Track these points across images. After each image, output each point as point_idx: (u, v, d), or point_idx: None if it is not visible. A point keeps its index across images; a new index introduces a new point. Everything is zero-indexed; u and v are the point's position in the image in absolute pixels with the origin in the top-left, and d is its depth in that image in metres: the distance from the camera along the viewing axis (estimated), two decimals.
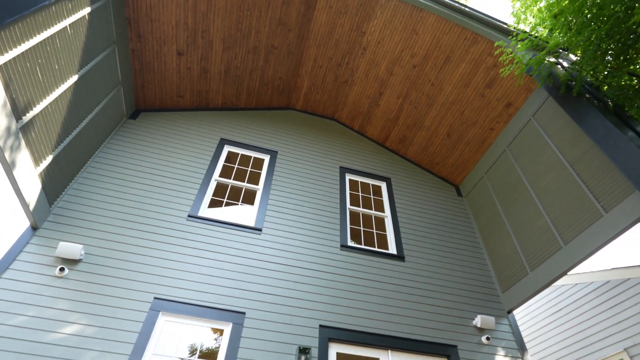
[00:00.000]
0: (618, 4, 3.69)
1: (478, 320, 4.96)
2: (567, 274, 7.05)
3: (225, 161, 6.09)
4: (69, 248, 4.05)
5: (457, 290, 5.38)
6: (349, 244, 5.47)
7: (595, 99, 4.18)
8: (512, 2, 4.69)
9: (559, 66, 4.75)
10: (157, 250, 4.51)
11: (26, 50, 3.41)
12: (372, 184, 6.68)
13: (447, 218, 6.46)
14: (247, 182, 5.83)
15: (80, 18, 4.15)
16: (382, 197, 6.50)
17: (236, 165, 6.12)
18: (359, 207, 6.25)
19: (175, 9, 5.40)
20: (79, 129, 4.64)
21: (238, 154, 6.27)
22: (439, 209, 6.59)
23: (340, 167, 6.65)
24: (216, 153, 6.01)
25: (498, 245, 5.81)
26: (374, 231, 6.09)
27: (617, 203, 3.95)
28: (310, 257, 5.07)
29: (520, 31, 4.75)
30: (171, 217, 4.92)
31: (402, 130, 7.18)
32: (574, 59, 4.90)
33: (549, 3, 4.43)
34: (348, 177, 6.58)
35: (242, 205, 5.83)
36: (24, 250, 4.01)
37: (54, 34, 3.75)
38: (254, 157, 6.30)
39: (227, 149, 6.21)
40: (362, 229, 6.06)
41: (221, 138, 6.31)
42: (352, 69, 6.91)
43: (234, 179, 5.84)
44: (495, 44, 4.92)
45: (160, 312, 4.01)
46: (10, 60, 3.24)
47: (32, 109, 3.71)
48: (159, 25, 5.47)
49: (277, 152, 6.43)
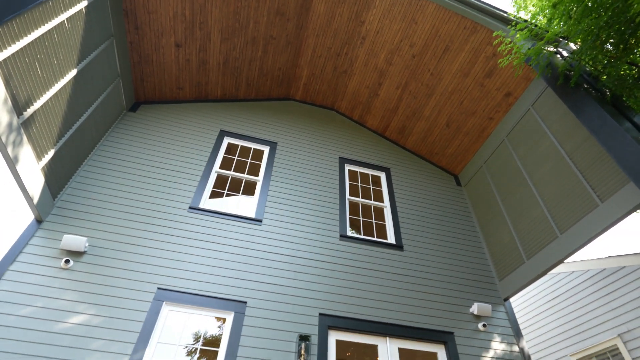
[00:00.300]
0: None
1: (475, 308, 5.07)
2: (564, 262, 7.14)
3: (225, 153, 6.13)
4: (74, 240, 4.14)
5: (455, 278, 5.47)
6: (349, 234, 5.55)
7: (594, 90, 4.18)
8: None
9: (558, 56, 4.72)
10: (160, 242, 4.60)
11: (25, 46, 3.43)
12: (371, 174, 6.72)
13: (445, 207, 6.53)
14: (247, 174, 5.89)
15: (77, 12, 4.14)
16: (381, 188, 6.55)
17: (236, 157, 6.16)
18: (358, 197, 6.30)
19: (172, 0, 5.37)
20: (79, 122, 4.68)
21: (238, 145, 6.31)
22: (438, 198, 6.65)
23: (340, 157, 6.69)
24: (216, 145, 6.05)
25: (496, 234, 5.89)
26: (373, 221, 6.16)
27: (612, 193, 3.99)
28: (310, 247, 5.16)
29: (520, 20, 4.72)
30: (173, 209, 5.00)
31: (402, 121, 7.18)
32: (574, 47, 4.86)
33: None
34: (347, 167, 6.62)
35: (242, 196, 5.90)
36: (30, 243, 4.10)
37: (52, 28, 3.75)
38: (254, 149, 6.34)
39: (227, 140, 6.25)
40: (361, 219, 6.14)
41: (221, 130, 6.34)
42: (351, 58, 6.88)
43: (234, 171, 5.90)
44: (494, 34, 4.89)
45: (164, 302, 4.12)
46: (9, 57, 3.26)
47: (33, 104, 3.74)
48: (156, 17, 5.45)
49: (276, 143, 6.47)
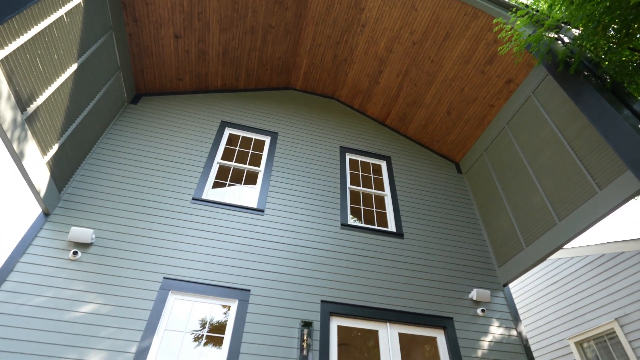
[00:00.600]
0: None
1: (474, 294, 5.17)
2: (563, 248, 7.21)
3: (226, 144, 6.18)
4: (81, 232, 4.25)
5: (455, 265, 5.56)
6: (349, 222, 5.63)
7: (594, 77, 4.15)
8: None
9: (559, 42, 4.68)
10: (164, 233, 4.70)
11: (25, 42, 3.46)
12: (372, 163, 6.76)
13: (446, 195, 6.57)
14: (249, 164, 5.95)
15: (76, 6, 4.15)
16: (382, 176, 6.60)
17: (237, 148, 6.21)
18: (359, 186, 6.36)
19: None
20: (82, 116, 4.73)
21: (239, 136, 6.35)
22: (439, 186, 6.69)
23: (341, 146, 6.72)
24: (217, 136, 6.09)
25: (496, 221, 5.94)
26: (374, 209, 6.23)
27: (611, 181, 4.02)
28: (312, 236, 5.25)
29: (521, 6, 4.66)
30: (176, 200, 5.09)
31: (402, 108, 7.17)
32: (575, 33, 4.81)
33: None
34: (348, 156, 6.66)
35: (244, 187, 5.97)
36: (38, 235, 4.22)
37: (51, 24, 3.77)
38: (255, 139, 6.38)
39: (228, 131, 6.29)
40: (362, 207, 6.20)
41: (222, 121, 6.38)
42: (351, 47, 6.83)
43: (235, 162, 5.96)
44: (494, 21, 4.84)
45: (170, 291, 4.25)
46: (10, 54, 3.30)
47: (36, 100, 3.80)
48: (154, 9, 5.43)
49: (277, 133, 6.50)
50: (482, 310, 5.08)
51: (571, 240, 4.47)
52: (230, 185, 5.98)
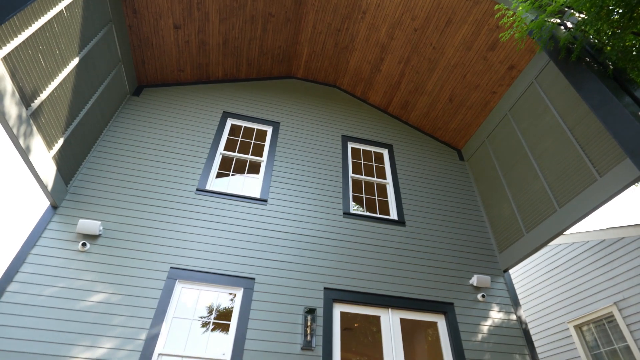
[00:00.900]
0: None
1: (474, 280, 5.25)
2: (564, 234, 7.26)
3: (229, 134, 6.22)
4: (89, 224, 4.35)
5: (456, 251, 5.64)
6: (352, 211, 5.70)
7: (596, 63, 4.12)
8: None
9: (562, 27, 4.62)
10: (170, 224, 4.80)
11: (27, 39, 3.49)
12: (374, 152, 6.78)
13: (448, 182, 6.60)
14: (251, 155, 6.00)
15: None
16: (383, 164, 6.63)
17: (240, 138, 6.25)
18: (361, 174, 6.40)
19: None
20: (85, 110, 4.78)
21: (241, 126, 6.38)
22: (441, 173, 6.72)
23: (343, 135, 6.74)
24: (220, 126, 6.13)
25: (497, 207, 5.99)
26: (376, 198, 6.29)
27: (610, 168, 4.03)
28: (315, 225, 5.33)
29: None
30: (181, 191, 5.17)
31: (404, 96, 7.14)
32: (579, 17, 4.74)
33: None
34: (350, 145, 6.68)
35: (247, 177, 6.04)
36: (48, 228, 4.33)
37: (51, 18, 3.79)
38: (257, 129, 6.41)
39: (230, 122, 6.32)
40: (364, 196, 6.26)
41: (224, 111, 6.40)
42: (352, 34, 6.77)
43: (238, 152, 6.01)
44: (495, 7, 4.77)
45: (177, 280, 4.37)
46: (12, 50, 3.34)
47: (39, 96, 3.85)
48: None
49: (279, 123, 6.52)
50: (483, 296, 5.17)
51: (570, 227, 4.52)
52: (233, 176, 6.06)
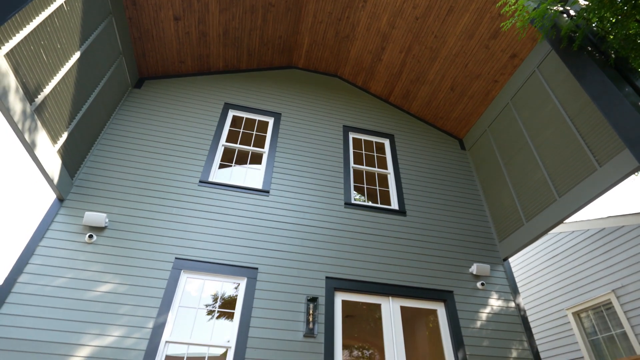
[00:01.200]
0: None
1: (474, 268, 5.33)
2: (565, 222, 7.29)
3: (230, 126, 6.25)
4: (95, 217, 4.45)
5: (456, 240, 5.70)
6: (353, 201, 5.75)
7: (598, 52, 4.09)
8: None
9: (565, 15, 4.56)
10: (174, 215, 4.89)
11: (28, 34, 3.52)
12: (375, 142, 6.80)
13: (449, 172, 6.63)
14: (253, 146, 6.04)
15: None
16: (385, 155, 6.65)
17: (241, 130, 6.28)
18: (363, 165, 6.43)
19: None
20: (88, 103, 4.83)
21: (243, 117, 6.41)
22: (442, 163, 6.73)
23: (344, 126, 6.75)
24: (221, 118, 6.16)
25: (497, 197, 6.02)
26: (377, 188, 6.33)
27: (610, 158, 4.04)
28: (316, 216, 5.41)
29: None
30: (184, 183, 5.24)
31: (406, 85, 7.11)
32: (582, 4, 4.67)
33: None
34: (352, 135, 6.70)
35: (249, 169, 6.09)
36: (55, 220, 4.43)
37: (52, 13, 3.80)
38: (259, 120, 6.44)
39: (231, 113, 6.35)
40: (365, 186, 6.31)
41: (225, 102, 6.42)
42: (352, 23, 6.71)
43: (240, 143, 6.05)
44: None
45: (182, 270, 4.48)
46: (15, 47, 3.37)
47: (43, 91, 3.89)
48: None
49: (280, 114, 6.54)
50: (482, 284, 5.26)
51: (569, 217, 4.56)
52: (236, 166, 6.11)
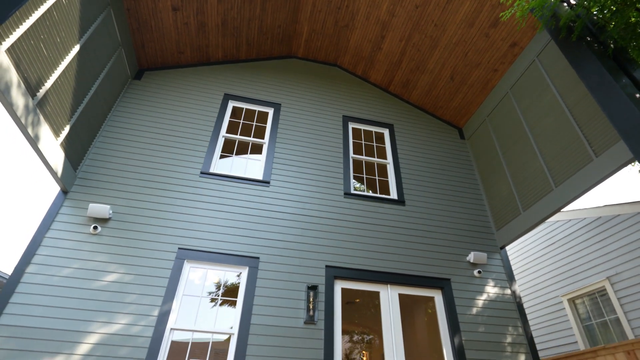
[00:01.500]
0: None
1: (471, 256, 5.43)
2: (562, 211, 7.36)
3: (230, 117, 6.28)
4: (99, 208, 4.54)
5: (454, 229, 5.79)
6: (352, 191, 5.82)
7: (597, 42, 4.08)
8: None
9: (565, 4, 4.53)
10: (176, 206, 4.98)
11: (28, 29, 3.53)
12: (375, 131, 6.82)
13: (448, 161, 6.67)
14: (253, 137, 6.08)
15: None
16: (384, 144, 6.69)
17: (242, 121, 6.31)
18: (362, 155, 6.48)
19: None
20: (89, 96, 4.86)
21: (243, 108, 6.43)
22: (441, 152, 6.77)
23: (344, 116, 6.77)
24: (221, 109, 6.19)
25: (495, 186, 6.08)
26: (376, 178, 6.39)
27: (606, 148, 4.08)
28: (316, 206, 5.49)
29: None
30: (185, 174, 5.31)
31: (406, 74, 7.09)
32: None
33: None
34: (351, 125, 6.73)
35: (250, 159, 6.14)
36: (60, 212, 4.53)
37: (50, 7, 3.80)
38: (258, 111, 6.46)
39: (231, 104, 6.37)
40: (364, 176, 6.37)
41: (225, 93, 6.43)
42: (352, 11, 6.66)
43: (240, 134, 6.09)
44: None
45: (185, 260, 4.59)
46: (15, 42, 3.39)
47: (44, 85, 3.93)
48: None
49: (280, 104, 6.55)
50: (479, 272, 5.37)
51: (565, 206, 4.62)
52: (236, 158, 6.17)
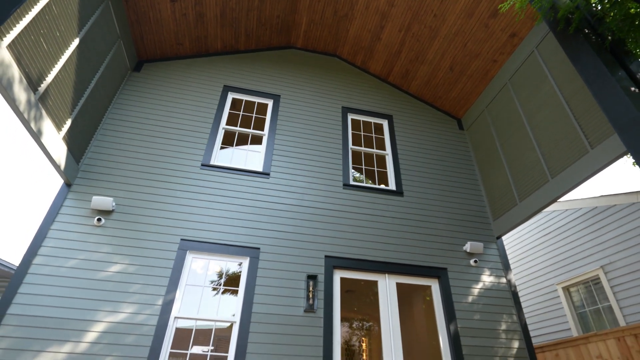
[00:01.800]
0: None
1: (468, 246, 5.53)
2: (558, 201, 7.44)
3: (230, 108, 6.31)
4: (102, 201, 4.62)
5: (452, 219, 5.88)
6: (351, 182, 5.90)
7: (595, 34, 4.09)
8: None
9: None
10: (178, 198, 5.06)
11: (28, 24, 3.56)
12: (374, 122, 6.86)
13: (447, 152, 6.72)
14: (253, 129, 6.13)
15: None
16: (383, 136, 6.73)
17: (241, 112, 6.34)
18: (361, 146, 6.53)
19: None
20: (89, 89, 4.90)
21: (242, 100, 6.45)
22: (440, 143, 6.82)
23: (343, 107, 6.79)
24: (221, 101, 6.22)
25: (493, 176, 6.14)
26: (375, 169, 6.46)
27: (601, 141, 4.13)
28: (315, 197, 5.57)
29: None
30: (186, 166, 5.38)
31: (405, 65, 7.09)
32: None
33: None
34: (350, 116, 6.75)
35: (250, 151, 6.20)
36: (64, 204, 4.61)
37: (50, 1, 3.81)
38: (258, 103, 6.48)
39: (231, 96, 6.39)
40: (363, 167, 6.43)
41: (224, 85, 6.45)
42: (351, 1, 6.61)
43: (240, 126, 6.13)
44: None
45: (188, 251, 4.70)
46: (16, 37, 3.42)
47: (45, 79, 3.96)
48: None
49: (279, 96, 6.57)
50: (475, 261, 5.48)
51: (560, 197, 4.70)
52: (236, 150, 6.22)
